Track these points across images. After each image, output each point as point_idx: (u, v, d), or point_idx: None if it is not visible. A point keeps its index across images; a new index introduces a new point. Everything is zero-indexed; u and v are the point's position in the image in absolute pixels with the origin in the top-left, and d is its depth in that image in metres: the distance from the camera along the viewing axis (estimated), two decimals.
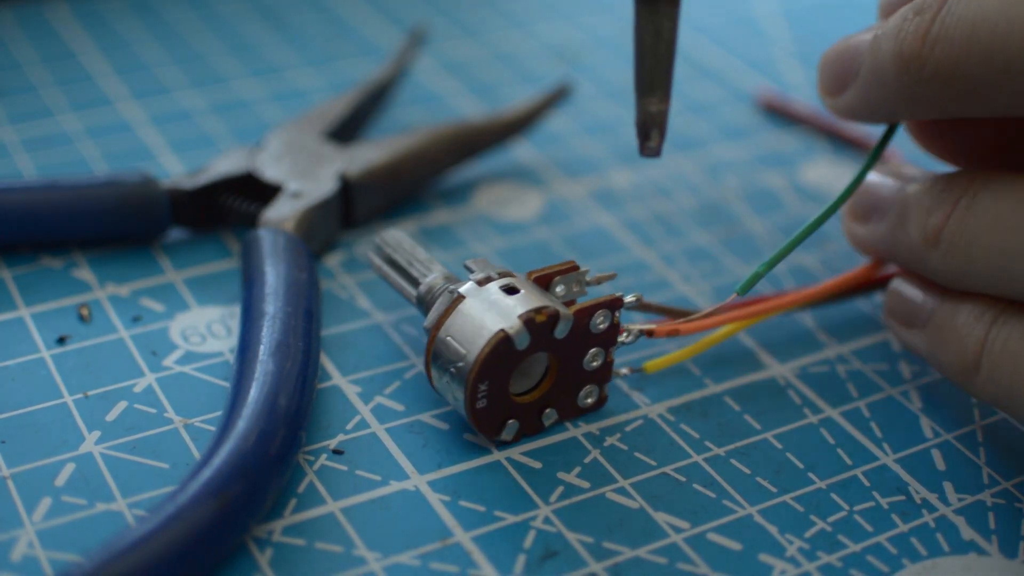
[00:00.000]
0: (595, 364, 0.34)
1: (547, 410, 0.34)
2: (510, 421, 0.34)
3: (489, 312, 0.33)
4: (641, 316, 0.36)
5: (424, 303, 0.35)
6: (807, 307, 0.38)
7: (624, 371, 0.36)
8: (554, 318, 0.33)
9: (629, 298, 0.34)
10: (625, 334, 0.35)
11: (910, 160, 0.42)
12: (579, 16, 0.57)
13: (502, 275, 0.34)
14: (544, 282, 0.34)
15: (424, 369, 0.34)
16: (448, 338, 0.33)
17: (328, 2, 0.56)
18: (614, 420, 0.35)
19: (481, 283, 0.33)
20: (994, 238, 0.32)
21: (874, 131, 0.48)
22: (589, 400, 0.35)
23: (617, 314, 0.34)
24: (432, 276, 0.35)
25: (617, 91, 0.51)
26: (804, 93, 0.51)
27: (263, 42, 0.53)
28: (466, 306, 0.33)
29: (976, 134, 0.36)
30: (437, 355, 0.33)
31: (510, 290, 0.33)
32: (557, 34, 0.55)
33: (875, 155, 0.35)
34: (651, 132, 0.33)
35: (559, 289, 0.34)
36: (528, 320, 0.32)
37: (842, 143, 0.48)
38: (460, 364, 0.32)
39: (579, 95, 0.50)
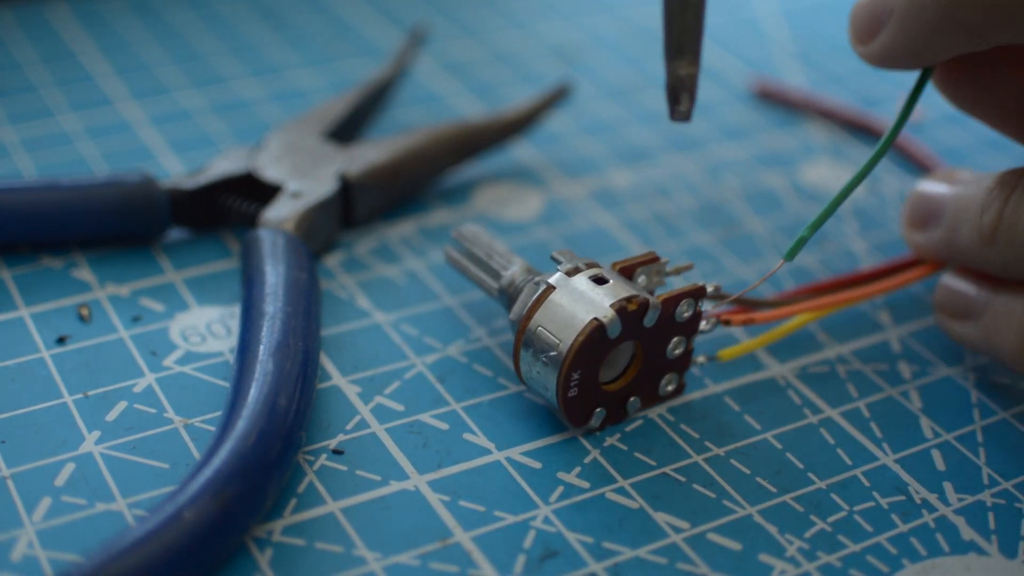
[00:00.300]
0: (677, 352, 0.35)
1: (632, 398, 0.35)
2: (597, 410, 0.34)
3: (580, 302, 0.33)
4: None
5: (507, 295, 0.36)
6: (877, 297, 0.39)
7: (700, 359, 0.36)
8: (644, 306, 0.33)
9: (709, 288, 0.35)
10: (704, 322, 0.35)
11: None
12: (579, 16, 0.57)
13: (589, 266, 0.34)
14: (627, 272, 0.35)
15: (510, 360, 0.34)
16: (540, 328, 0.33)
17: (328, 2, 0.56)
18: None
19: (569, 274, 0.34)
20: None
21: (868, 104, 0.48)
22: (670, 388, 0.35)
23: (700, 303, 0.34)
24: (513, 268, 0.36)
25: (617, 91, 0.51)
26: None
27: (263, 42, 0.53)
28: (556, 296, 0.33)
29: (1005, 84, 0.36)
30: (528, 345, 0.33)
31: (599, 280, 0.34)
32: (557, 34, 0.55)
33: (909, 107, 0.36)
34: (681, 96, 0.33)
35: (641, 279, 0.35)
36: (620, 308, 0.33)
37: (840, 138, 0.49)
38: (553, 353, 0.33)
39: (579, 95, 0.50)
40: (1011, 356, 0.35)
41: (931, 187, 0.38)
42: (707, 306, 0.35)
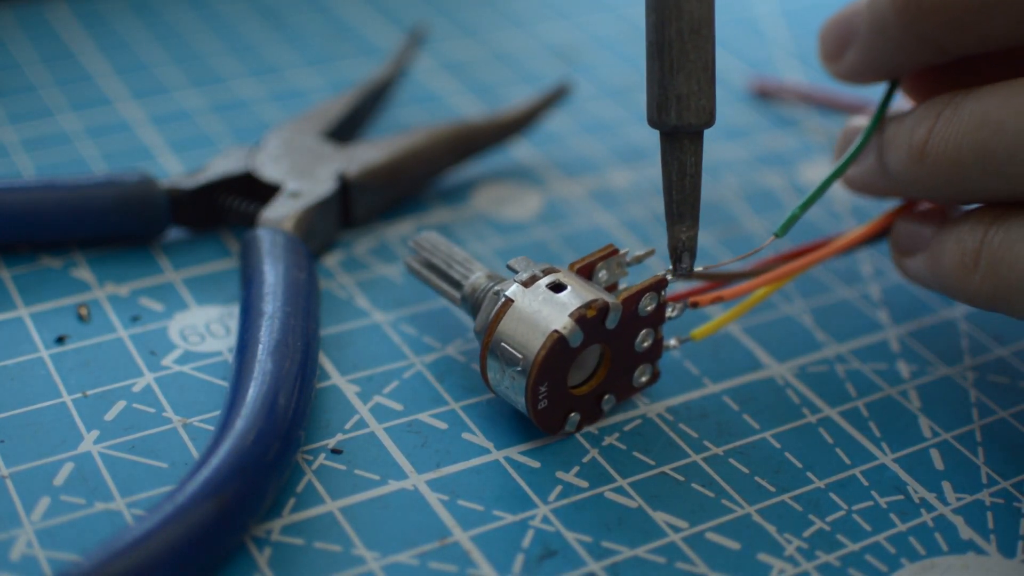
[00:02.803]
0: (646, 344, 0.35)
1: (606, 396, 0.35)
2: (572, 415, 0.34)
3: (539, 313, 0.33)
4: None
5: (469, 304, 0.35)
6: (835, 256, 0.38)
7: (673, 343, 0.36)
8: (604, 310, 0.33)
9: (670, 276, 0.34)
10: (671, 308, 0.35)
11: None
12: (579, 16, 0.57)
13: (546, 272, 0.34)
14: (587, 271, 0.34)
15: (480, 373, 0.34)
16: (502, 344, 0.33)
17: (328, 2, 0.56)
18: (613, 420, 0.35)
19: (527, 283, 0.34)
20: (981, 136, 0.32)
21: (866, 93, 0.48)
22: (643, 379, 0.35)
23: (662, 294, 0.34)
24: (474, 276, 0.36)
25: (617, 91, 0.51)
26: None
27: (263, 42, 0.53)
28: (516, 309, 0.33)
29: None
30: (493, 360, 0.33)
31: (556, 287, 0.33)
32: (557, 34, 0.55)
33: (880, 112, 0.36)
34: (683, 256, 0.34)
35: (602, 274, 0.35)
36: (579, 318, 0.32)
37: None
38: (518, 368, 0.33)
39: (578, 95, 0.50)
40: (949, 275, 0.34)
41: (861, 120, 0.38)
42: (675, 287, 0.35)
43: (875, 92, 0.48)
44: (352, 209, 0.42)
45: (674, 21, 0.32)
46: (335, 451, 0.34)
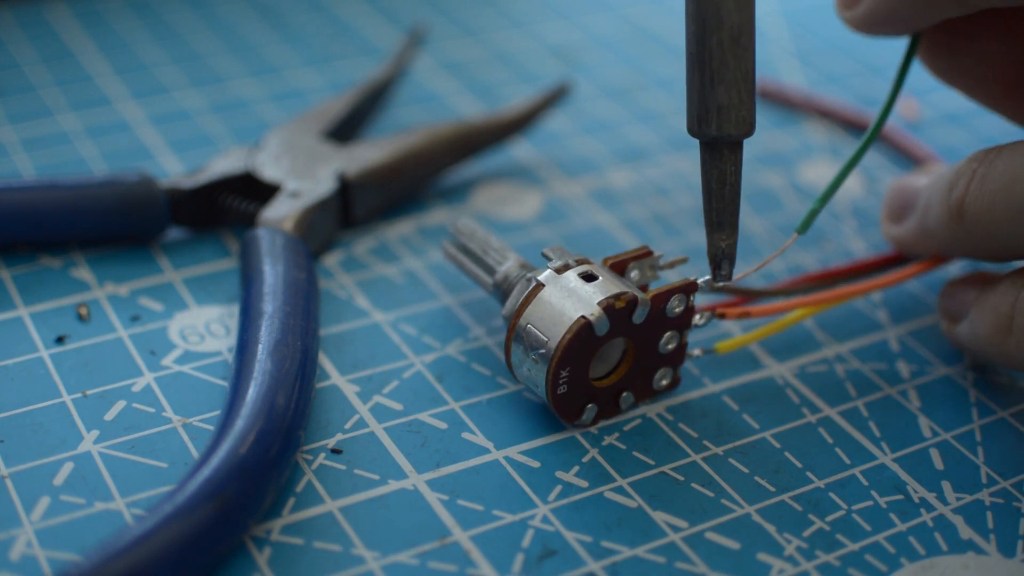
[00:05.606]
0: (670, 347, 0.35)
1: (624, 394, 0.35)
2: (589, 405, 0.34)
3: (569, 299, 0.33)
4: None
5: (501, 290, 0.36)
6: (875, 292, 0.39)
7: (696, 352, 0.36)
8: (632, 304, 0.33)
9: (701, 281, 0.35)
10: (698, 316, 0.35)
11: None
12: (579, 16, 0.57)
13: (579, 262, 0.34)
14: (619, 268, 0.35)
15: (503, 356, 0.34)
16: (529, 326, 0.33)
17: (328, 2, 0.56)
18: (613, 419, 0.35)
19: (559, 271, 0.34)
20: (1011, 197, 0.33)
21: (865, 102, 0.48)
22: (664, 382, 0.36)
23: (691, 298, 0.34)
24: (508, 264, 0.36)
25: (617, 91, 0.51)
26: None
27: (263, 42, 0.53)
28: (546, 294, 0.33)
29: (987, 54, 0.36)
30: (518, 342, 0.34)
31: (588, 277, 0.34)
32: (557, 34, 0.55)
33: (902, 75, 0.37)
34: (722, 263, 0.34)
35: (633, 274, 0.35)
36: (608, 306, 0.33)
37: (839, 137, 0.49)
38: (542, 351, 0.33)
39: (578, 95, 0.50)
40: (986, 340, 0.35)
41: (908, 180, 0.38)
42: (704, 298, 0.36)
43: (873, 101, 0.48)
44: (352, 209, 0.42)
45: (715, 32, 0.31)
46: (335, 451, 0.34)
